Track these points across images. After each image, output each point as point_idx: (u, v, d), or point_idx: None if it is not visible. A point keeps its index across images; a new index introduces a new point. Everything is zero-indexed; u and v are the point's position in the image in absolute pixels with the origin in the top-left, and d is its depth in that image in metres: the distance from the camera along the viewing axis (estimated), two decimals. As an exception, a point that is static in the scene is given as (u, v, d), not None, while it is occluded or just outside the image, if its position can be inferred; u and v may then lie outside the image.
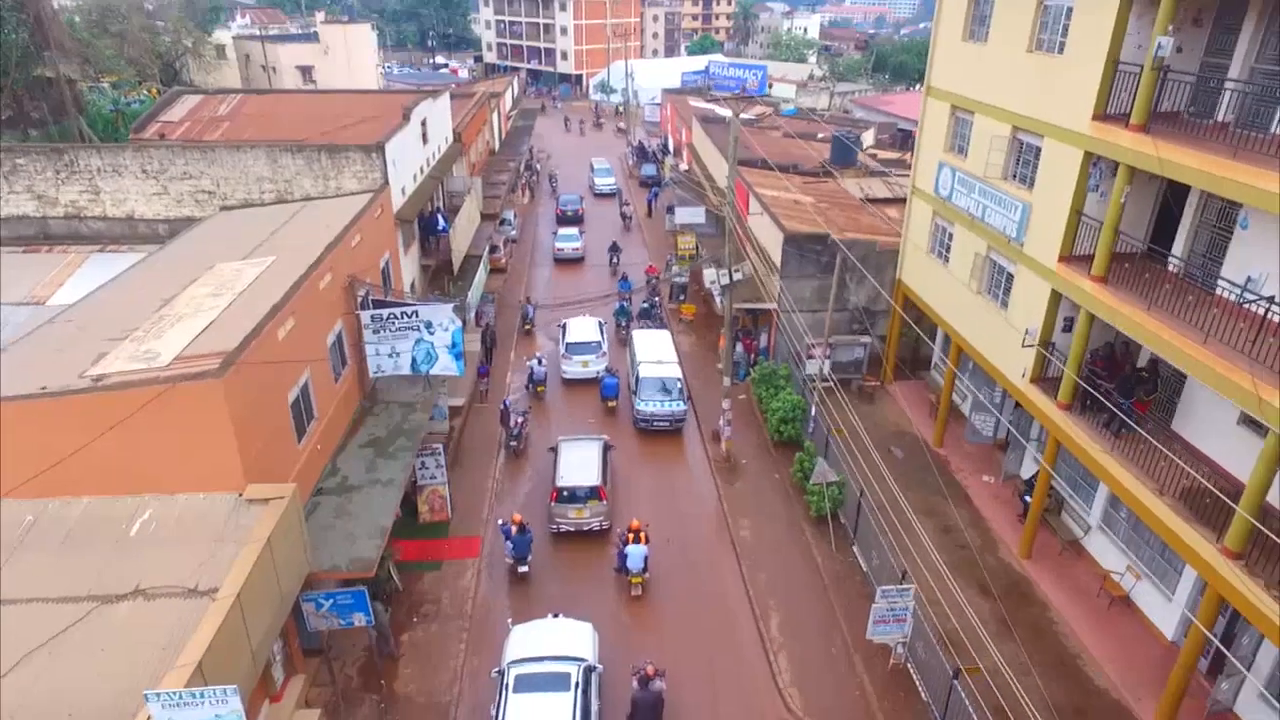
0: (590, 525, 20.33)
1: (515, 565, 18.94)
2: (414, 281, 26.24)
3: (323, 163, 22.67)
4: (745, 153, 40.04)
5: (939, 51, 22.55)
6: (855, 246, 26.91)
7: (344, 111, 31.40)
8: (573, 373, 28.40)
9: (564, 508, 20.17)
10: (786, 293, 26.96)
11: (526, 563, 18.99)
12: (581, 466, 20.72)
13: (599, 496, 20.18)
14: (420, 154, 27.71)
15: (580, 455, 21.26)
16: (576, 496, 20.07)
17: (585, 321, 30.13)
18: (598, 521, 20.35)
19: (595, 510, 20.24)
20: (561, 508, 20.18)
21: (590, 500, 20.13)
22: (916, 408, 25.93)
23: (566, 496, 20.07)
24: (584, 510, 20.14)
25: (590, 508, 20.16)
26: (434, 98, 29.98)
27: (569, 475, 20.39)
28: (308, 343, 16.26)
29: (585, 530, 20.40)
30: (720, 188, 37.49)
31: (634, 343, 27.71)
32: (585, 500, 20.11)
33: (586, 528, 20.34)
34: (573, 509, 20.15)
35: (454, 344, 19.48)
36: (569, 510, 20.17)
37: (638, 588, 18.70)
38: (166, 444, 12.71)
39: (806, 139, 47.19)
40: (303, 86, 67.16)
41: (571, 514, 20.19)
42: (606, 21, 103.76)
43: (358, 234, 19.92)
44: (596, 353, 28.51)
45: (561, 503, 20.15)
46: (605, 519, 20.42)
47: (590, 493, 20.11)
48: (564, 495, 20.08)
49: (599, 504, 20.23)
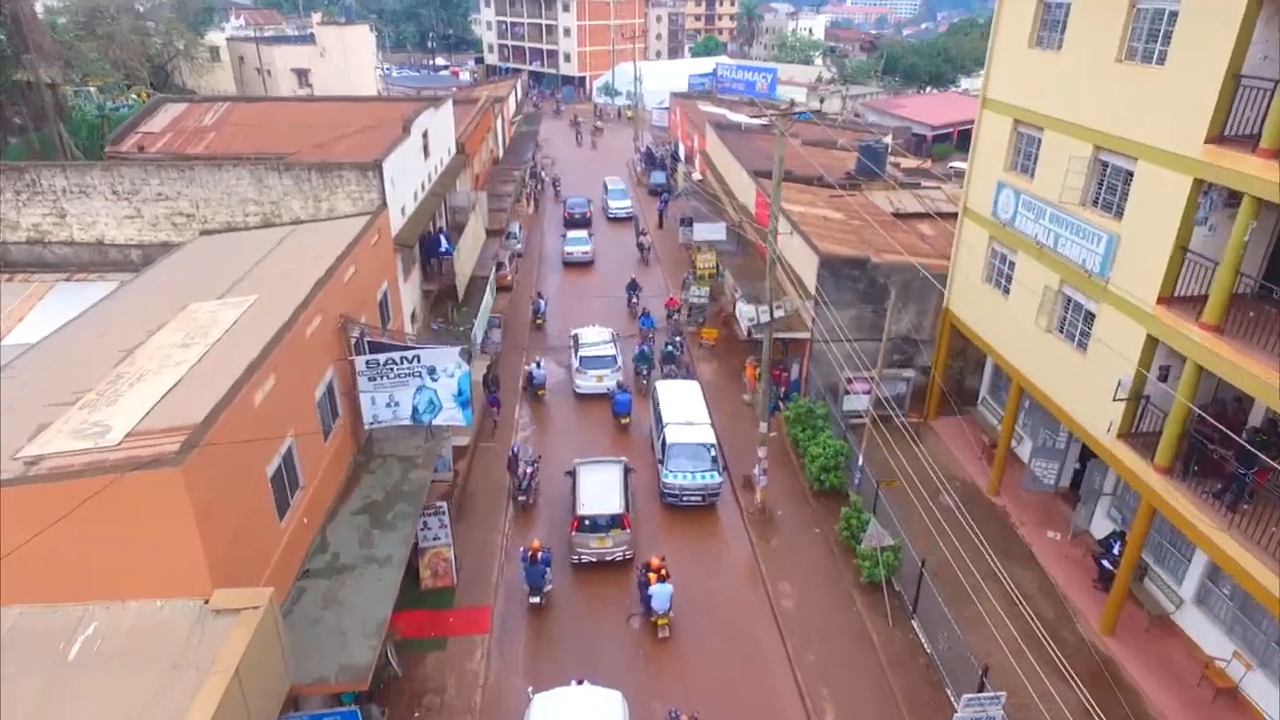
0: (613, 555, 19.15)
1: (529, 595, 17.97)
2: (415, 309, 23.97)
3: (313, 182, 20.41)
4: (764, 163, 37.85)
5: (997, 59, 20.29)
6: (898, 271, 24.70)
7: (339, 121, 29.14)
8: (587, 387, 27.26)
9: (585, 537, 19.00)
10: (821, 320, 24.70)
11: (542, 594, 17.99)
12: (602, 493, 19.56)
13: (622, 525, 19.04)
14: (421, 169, 25.45)
15: (600, 480, 20.05)
16: (598, 525, 18.95)
17: (598, 333, 28.86)
18: (620, 551, 19.18)
19: (618, 540, 19.06)
20: (583, 537, 19.01)
21: (613, 529, 18.97)
22: (966, 448, 23.67)
23: (588, 526, 18.94)
24: (606, 540, 18.99)
25: (613, 537, 18.99)
26: (435, 107, 27.72)
27: (590, 502, 19.24)
28: (291, 403, 13.99)
29: (608, 560, 19.16)
30: (740, 202, 35.27)
31: (659, 398, 23.71)
32: (608, 529, 18.96)
33: (609, 558, 19.16)
34: (594, 538, 18.98)
35: (460, 391, 17.20)
36: (590, 540, 19.00)
37: (665, 629, 17.39)
38: (115, 542, 10.44)
39: (827, 147, 44.97)
40: (298, 90, 64.91)
41: (593, 544, 19.02)
42: (610, 23, 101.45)
43: (351, 265, 17.65)
44: (611, 366, 27.37)
45: (583, 532, 18.99)
46: (629, 548, 19.29)
47: (613, 521, 18.97)
48: (585, 524, 18.95)
49: (622, 533, 19.05)
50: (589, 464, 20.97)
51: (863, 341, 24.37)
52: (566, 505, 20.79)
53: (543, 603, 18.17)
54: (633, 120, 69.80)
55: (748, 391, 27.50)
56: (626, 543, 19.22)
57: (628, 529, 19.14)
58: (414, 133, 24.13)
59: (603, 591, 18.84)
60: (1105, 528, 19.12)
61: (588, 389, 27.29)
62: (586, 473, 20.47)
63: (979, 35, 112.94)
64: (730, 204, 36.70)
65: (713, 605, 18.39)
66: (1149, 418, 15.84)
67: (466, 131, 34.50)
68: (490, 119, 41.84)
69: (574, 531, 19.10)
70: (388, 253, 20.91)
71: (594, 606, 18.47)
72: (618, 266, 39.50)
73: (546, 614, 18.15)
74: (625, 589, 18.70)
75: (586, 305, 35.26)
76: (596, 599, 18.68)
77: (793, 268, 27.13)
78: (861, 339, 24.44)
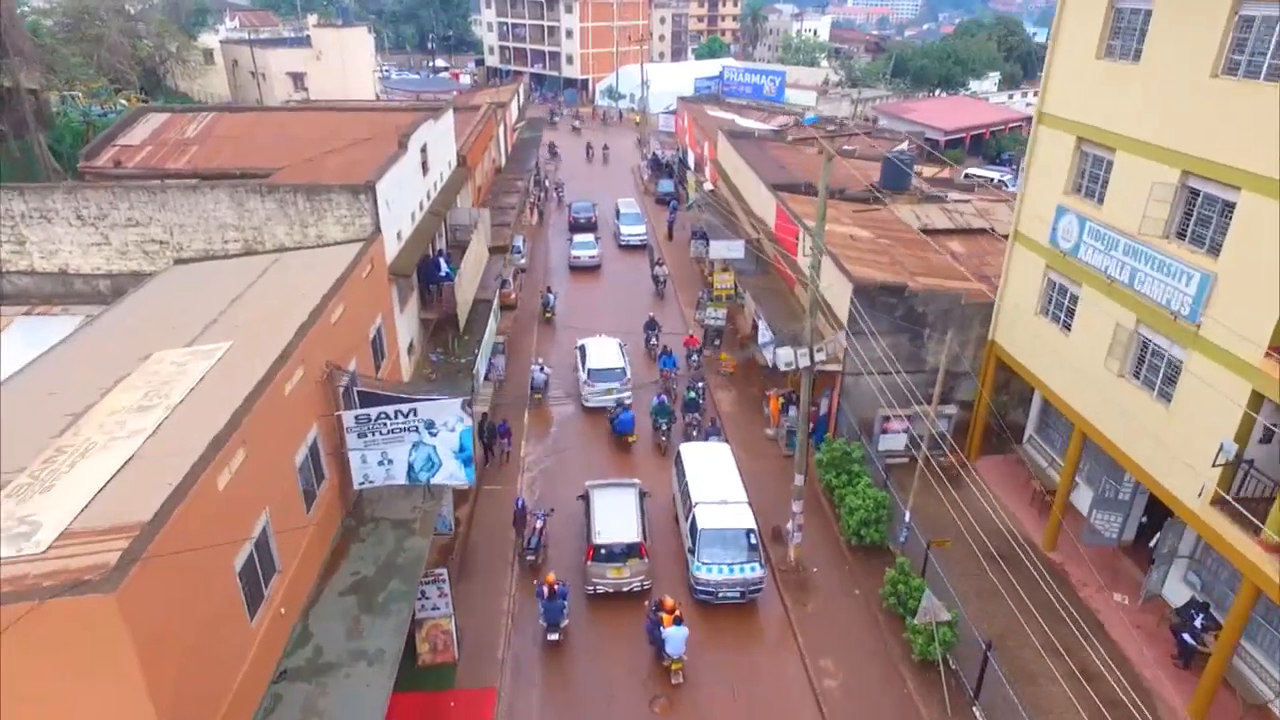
0: (630, 586, 18.30)
1: (546, 632, 16.97)
2: (412, 341, 21.99)
3: (299, 206, 18.43)
4: (783, 174, 35.89)
5: (1057, 70, 18.30)
6: (938, 299, 22.75)
7: (331, 132, 27.20)
8: (595, 401, 26.34)
9: (601, 567, 18.13)
10: (854, 352, 22.72)
11: (559, 629, 17.00)
12: (619, 519, 18.69)
13: (640, 554, 18.19)
14: (420, 187, 23.47)
15: (615, 506, 19.18)
16: (615, 554, 18.09)
17: (606, 344, 27.77)
18: (638, 581, 18.35)
19: (636, 569, 18.22)
20: (599, 567, 18.14)
21: (630, 558, 18.13)
22: (1013, 494, 21.69)
23: (604, 555, 18.09)
24: (623, 570, 18.14)
25: (630, 566, 18.15)
26: (435, 118, 25.72)
27: (606, 530, 18.35)
28: (267, 475, 12.02)
29: (625, 591, 18.30)
30: (758, 217, 33.27)
31: (684, 466, 20.39)
32: (624, 558, 18.11)
33: (626, 588, 18.31)
34: (611, 568, 18.12)
35: (462, 447, 15.22)
36: (607, 570, 18.13)
37: (678, 675, 16.27)
38: (37, 679, 8.47)
39: (845, 156, 43.00)
40: (293, 94, 62.96)
41: (610, 574, 18.16)
42: (613, 24, 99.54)
43: (340, 304, 15.67)
44: (620, 380, 26.35)
45: (599, 561, 18.12)
46: (646, 578, 18.44)
47: (630, 550, 18.13)
48: (601, 554, 18.10)
49: (640, 562, 18.21)
50: (603, 487, 19.99)
51: (895, 374, 22.40)
52: (579, 530, 19.92)
53: (560, 639, 17.10)
54: (639, 125, 67.71)
55: (770, 425, 25.51)
56: (644, 572, 18.31)
57: (645, 558, 18.23)
58: (411, 148, 22.15)
59: (620, 628, 17.82)
60: (1182, 594, 17.14)
61: (596, 402, 26.32)
62: (601, 497, 19.46)
63: (985, 37, 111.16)
64: (747, 218, 34.74)
65: (743, 678, 16.42)
66: (1251, 482, 13.88)
67: (468, 142, 32.52)
68: (492, 127, 39.88)
69: (589, 561, 18.15)
70: (382, 284, 18.93)
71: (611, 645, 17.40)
72: (630, 300, 35.53)
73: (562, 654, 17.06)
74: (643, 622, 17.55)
75: (593, 312, 34.47)
76: (614, 636, 17.66)
77: (820, 293, 25.17)
78: (897, 371, 22.47)
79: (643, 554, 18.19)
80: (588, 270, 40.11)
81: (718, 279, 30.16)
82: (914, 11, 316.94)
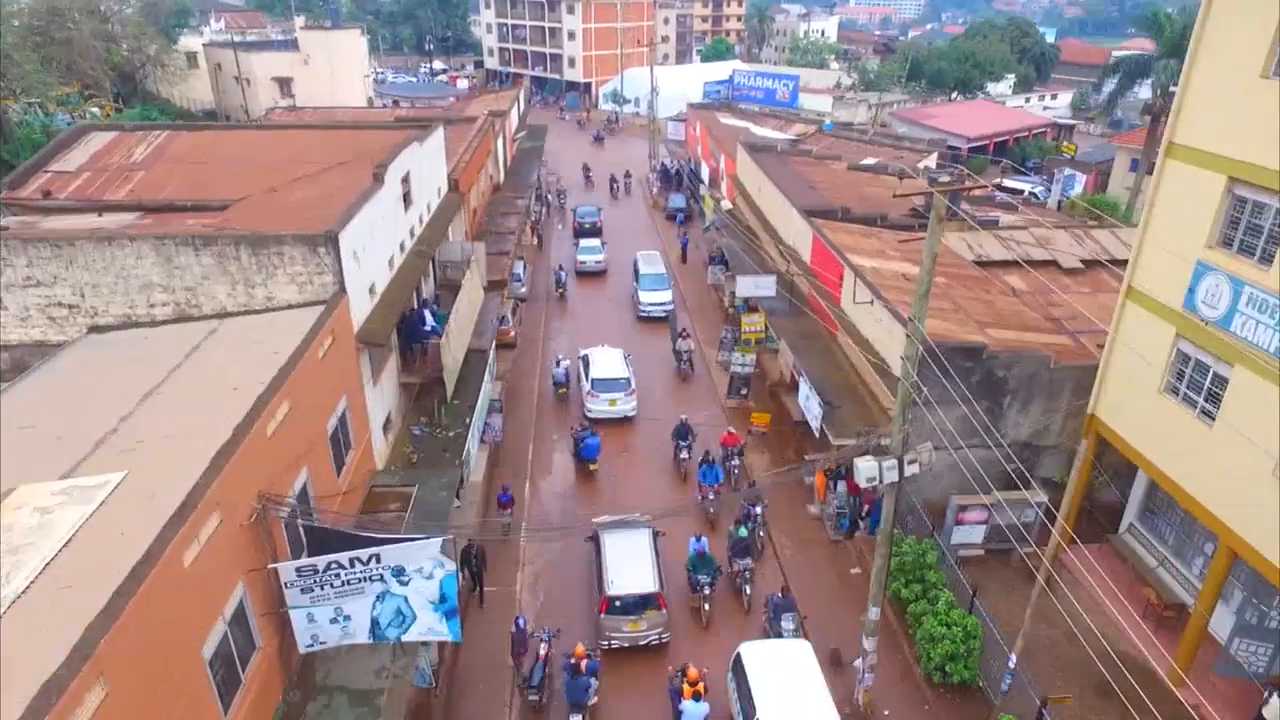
0: (648, 639, 16.91)
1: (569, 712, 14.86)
2: (390, 414, 18.24)
3: (243, 262, 14.68)
4: (814, 197, 32.11)
5: (1199, 91, 14.52)
6: (1023, 361, 18.97)
7: (302, 154, 23.51)
8: (598, 411, 25.43)
9: (616, 620, 16.71)
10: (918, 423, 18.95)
11: (585, 710, 14.86)
12: (634, 567, 17.28)
13: (658, 605, 16.78)
14: (401, 224, 19.74)
15: (629, 550, 17.70)
16: (631, 607, 16.67)
17: (610, 354, 27.06)
18: (656, 634, 16.95)
19: (653, 622, 16.82)
20: (614, 620, 16.71)
21: (648, 610, 16.71)
22: (1116, 598, 17.89)
23: (619, 608, 16.66)
24: (640, 623, 16.74)
25: (648, 619, 16.75)
26: (421, 140, 21.99)
27: (621, 580, 16.95)
28: (160, 690, 8.25)
29: (641, 645, 16.92)
30: (789, 246, 29.46)
31: (748, 680, 14.41)
32: (641, 610, 16.70)
33: (644, 642, 16.92)
34: (627, 621, 16.72)
35: (443, 597, 11.47)
36: (622, 624, 16.73)
37: None
38: None
39: (877, 172, 39.22)
40: (279, 101, 59.19)
41: (625, 628, 16.77)
42: (617, 25, 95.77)
43: (285, 402, 11.92)
44: (625, 390, 25.59)
45: (613, 614, 16.68)
46: (664, 630, 17.01)
47: (647, 601, 16.71)
48: (616, 606, 16.66)
49: (658, 614, 16.81)
50: (613, 529, 18.23)
51: (970, 449, 18.63)
52: (586, 574, 18.64)
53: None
54: (649, 133, 63.81)
55: (815, 501, 21.71)
56: (662, 624, 16.93)
57: (664, 609, 16.84)
58: (390, 181, 18.41)
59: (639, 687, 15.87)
60: (1370, 765, 13.39)
61: (600, 413, 25.34)
62: (611, 541, 17.93)
63: (998, 38, 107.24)
64: (774, 245, 30.96)
65: None
66: None
67: (462, 162, 28.77)
68: (490, 141, 36.12)
69: (603, 614, 16.72)
70: (348, 358, 15.17)
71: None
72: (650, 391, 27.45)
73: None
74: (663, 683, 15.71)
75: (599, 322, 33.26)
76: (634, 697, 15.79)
77: (869, 342, 21.35)
78: (971, 446, 18.69)
79: (660, 605, 16.77)
80: (594, 277, 39.01)
81: (746, 321, 26.35)
82: (916, 11, 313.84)
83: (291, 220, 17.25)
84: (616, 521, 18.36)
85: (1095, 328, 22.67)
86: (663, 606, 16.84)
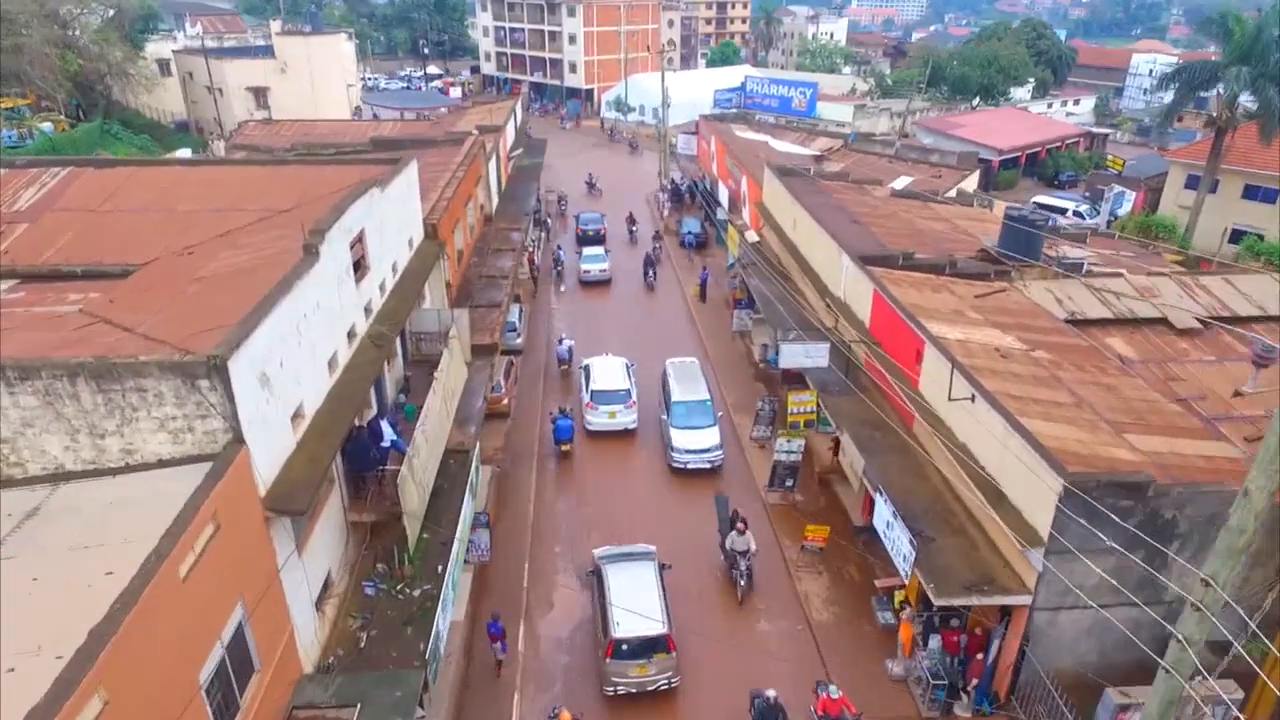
0: (656, 684, 15.85)
1: None
2: (330, 575, 13.21)
3: (84, 402, 9.67)
4: (864, 236, 27.10)
5: None
6: (1200, 499, 13.90)
7: (239, 199, 18.72)
8: (598, 424, 24.76)
9: (623, 665, 15.64)
10: (1053, 575, 13.94)
11: None
12: (641, 605, 16.02)
13: (667, 648, 15.72)
14: (349, 305, 14.75)
15: (633, 586, 16.60)
16: (638, 650, 15.58)
17: (611, 363, 26.25)
18: (665, 679, 15.90)
19: (662, 665, 15.77)
20: (619, 665, 15.63)
21: (656, 653, 15.63)
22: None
23: (626, 652, 15.57)
24: (648, 667, 15.72)
25: (656, 663, 15.70)
26: (384, 184, 17.01)
27: (626, 621, 15.80)
28: None
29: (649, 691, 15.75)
30: (838, 298, 24.42)
31: None
32: (650, 654, 15.61)
33: (651, 687, 15.85)
34: (634, 666, 15.66)
35: None
36: (629, 668, 15.66)
37: None
38: None
39: (925, 200, 34.19)
40: (255, 113, 54.24)
41: (632, 672, 15.71)
42: (620, 28, 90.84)
43: (100, 687, 6.92)
44: (625, 402, 24.86)
45: (619, 659, 15.59)
46: (674, 674, 15.98)
47: (655, 644, 15.62)
48: (622, 650, 15.56)
49: (667, 657, 15.74)
50: (617, 561, 17.35)
51: (1117, 608, 13.64)
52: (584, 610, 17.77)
53: None
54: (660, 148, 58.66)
55: (898, 657, 16.65)
56: (671, 669, 15.91)
57: (673, 652, 15.81)
58: (330, 251, 13.41)
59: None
60: None
61: (599, 425, 24.72)
62: (614, 574, 16.91)
63: (1014, 40, 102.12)
64: (813, 288, 25.98)
65: None
66: None
67: (443, 199, 23.77)
68: (480, 166, 31.11)
69: (608, 659, 15.64)
70: (249, 538, 10.14)
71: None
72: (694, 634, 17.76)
73: None
74: None
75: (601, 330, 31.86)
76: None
77: (970, 452, 16.25)
78: (1116, 605, 13.68)
79: (670, 648, 15.78)
80: (598, 287, 37.85)
81: (793, 400, 21.29)
82: (918, 12, 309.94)
83: (194, 312, 12.31)
84: (620, 554, 17.49)
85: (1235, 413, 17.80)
86: (672, 649, 15.78)
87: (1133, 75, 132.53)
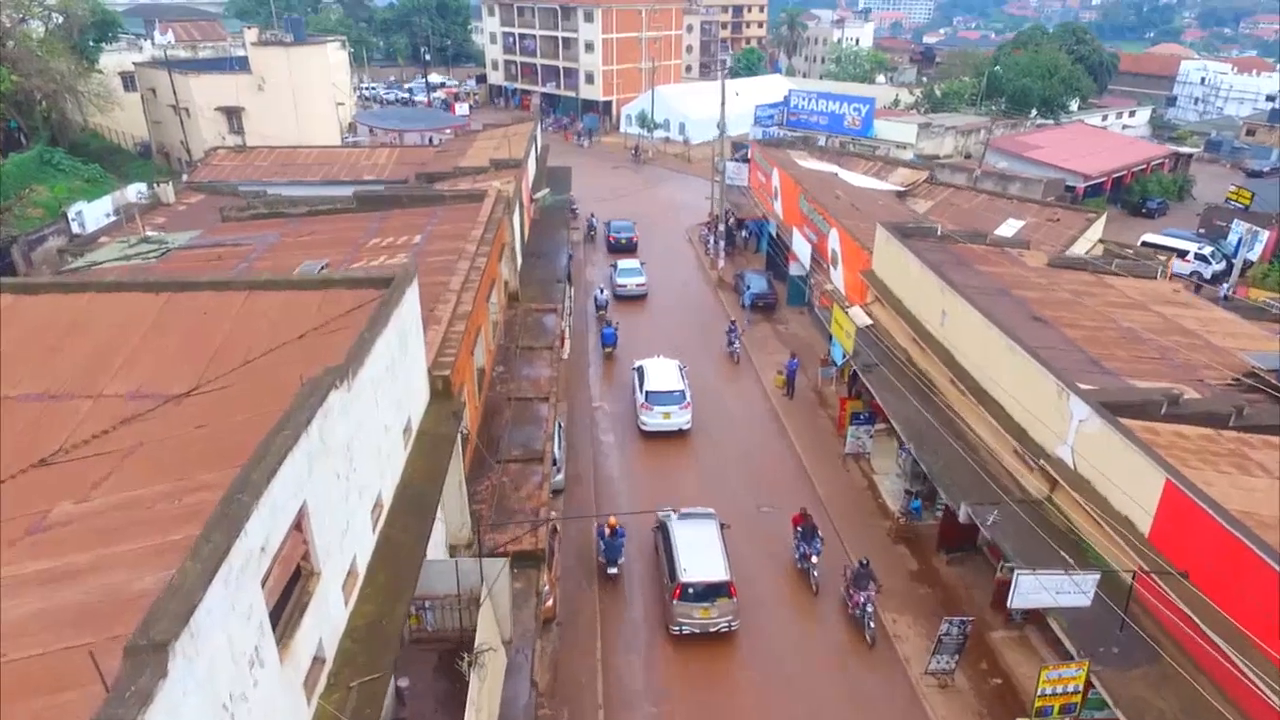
0: (718, 626, 17.07)
1: None
2: None
3: None
4: (1052, 340, 18.79)
5: None
6: None
7: (154, 373, 10.41)
8: (653, 424, 24.70)
9: (689, 607, 16.90)
10: None
11: None
12: (704, 556, 17.42)
13: (729, 593, 16.97)
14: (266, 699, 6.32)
15: (697, 540, 17.83)
16: (703, 594, 16.81)
17: (665, 365, 25.90)
18: (726, 622, 17.10)
19: (724, 609, 17.01)
20: (686, 607, 16.91)
21: (719, 598, 16.88)
22: None
23: (692, 594, 16.83)
24: (711, 610, 16.91)
25: (719, 606, 16.93)
26: (350, 375, 8.66)
27: (692, 568, 17.10)
28: None
29: (711, 632, 16.98)
30: (1042, 447, 16.01)
31: None
32: (713, 598, 16.85)
33: (714, 629, 17.06)
34: (699, 608, 16.89)
35: None
36: (694, 610, 16.90)
37: None
38: None
39: (1098, 272, 25.68)
40: (226, 137, 45.93)
41: (697, 614, 16.93)
42: (642, 35, 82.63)
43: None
44: (680, 403, 24.70)
45: (686, 600, 16.88)
46: (734, 618, 17.19)
47: (719, 589, 16.87)
48: (689, 593, 16.82)
49: (729, 602, 17.01)
50: (682, 519, 18.67)
51: None
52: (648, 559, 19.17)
53: None
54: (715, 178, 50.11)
55: None
56: (733, 612, 17.11)
57: (734, 597, 17.05)
58: (247, 550, 5.00)
59: None
60: None
61: (654, 426, 24.73)
62: (680, 529, 18.22)
63: (1055, 47, 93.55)
64: (998, 426, 17.52)
65: None
66: None
67: (458, 315, 15.39)
68: (505, 233, 22.72)
69: (675, 599, 16.93)
70: None
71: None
72: None
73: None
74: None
75: None
76: None
77: None
78: None
79: (732, 593, 17.00)
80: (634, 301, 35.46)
81: (1046, 679, 12.58)
82: (927, 15, 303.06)
83: None
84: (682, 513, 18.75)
85: None
86: (733, 595, 17.00)
87: (1181, 84, 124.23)
